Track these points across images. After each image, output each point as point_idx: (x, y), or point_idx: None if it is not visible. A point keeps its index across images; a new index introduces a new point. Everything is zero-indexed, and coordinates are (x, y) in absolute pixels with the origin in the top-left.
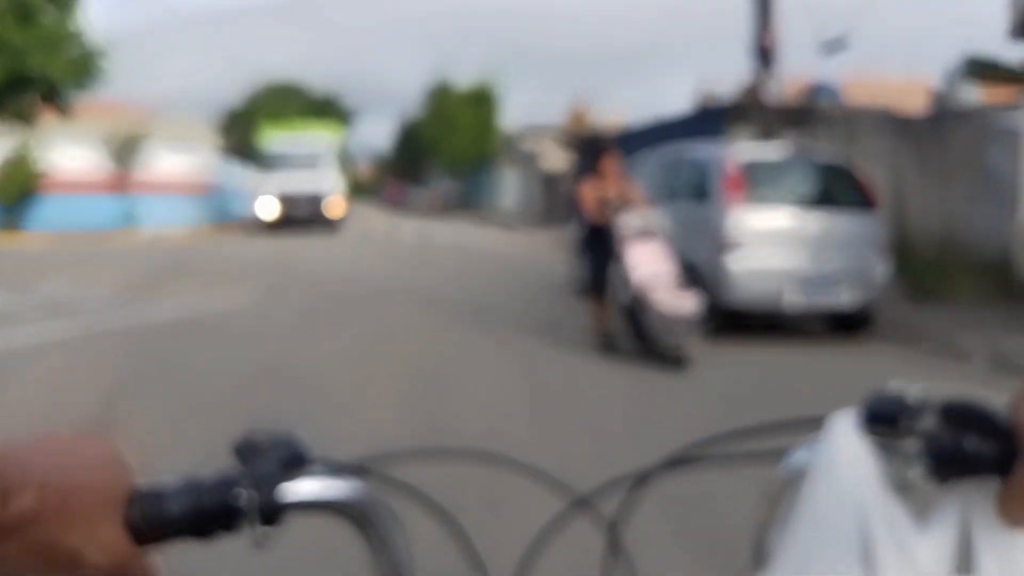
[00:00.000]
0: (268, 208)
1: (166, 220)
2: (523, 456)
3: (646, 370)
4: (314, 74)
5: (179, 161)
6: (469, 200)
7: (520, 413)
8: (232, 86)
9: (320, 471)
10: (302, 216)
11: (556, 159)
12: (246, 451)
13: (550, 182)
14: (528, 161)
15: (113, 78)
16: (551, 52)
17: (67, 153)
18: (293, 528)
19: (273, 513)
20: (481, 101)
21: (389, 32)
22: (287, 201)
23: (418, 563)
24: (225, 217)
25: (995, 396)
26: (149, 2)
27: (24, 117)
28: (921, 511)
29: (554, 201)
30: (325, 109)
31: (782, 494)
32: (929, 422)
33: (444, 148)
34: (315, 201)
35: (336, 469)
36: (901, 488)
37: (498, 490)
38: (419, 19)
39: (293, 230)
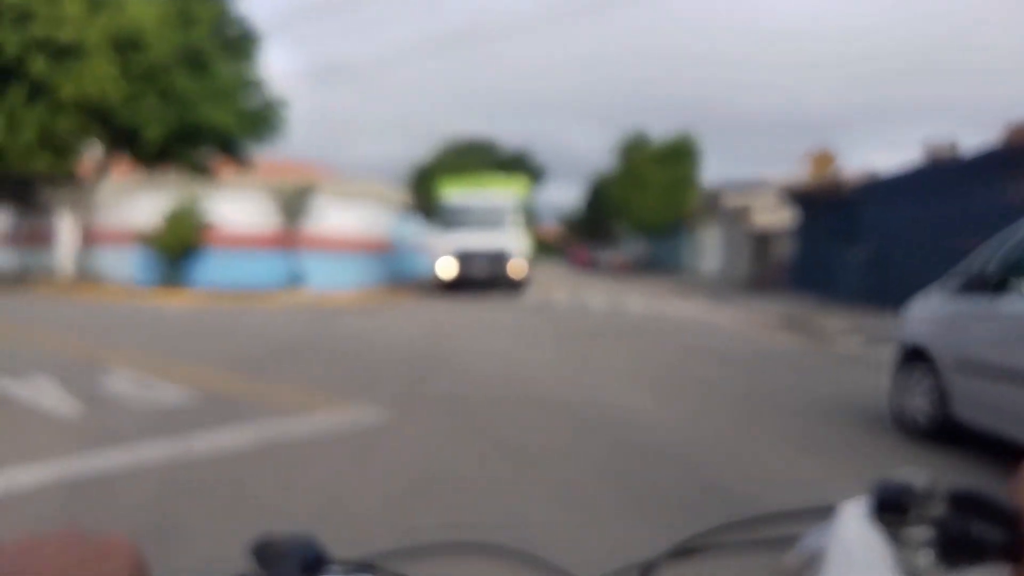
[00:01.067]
0: (445, 268)
1: (334, 280)
2: None
3: None
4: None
5: (352, 218)
6: (661, 262)
7: None
8: (421, 144)
9: (338, 572)
10: (481, 277)
11: (771, 216)
12: (264, 554)
13: (762, 242)
14: (735, 218)
15: (292, 132)
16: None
17: (236, 207)
18: None
19: None
20: (678, 156)
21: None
22: (465, 260)
23: None
24: (402, 278)
25: None
26: (327, 51)
27: (199, 170)
28: None
29: (765, 263)
30: (515, 166)
31: None
32: (938, 509)
33: (635, 206)
34: (496, 260)
35: (353, 569)
36: (912, 574)
37: None
38: (615, 81)
39: (471, 293)
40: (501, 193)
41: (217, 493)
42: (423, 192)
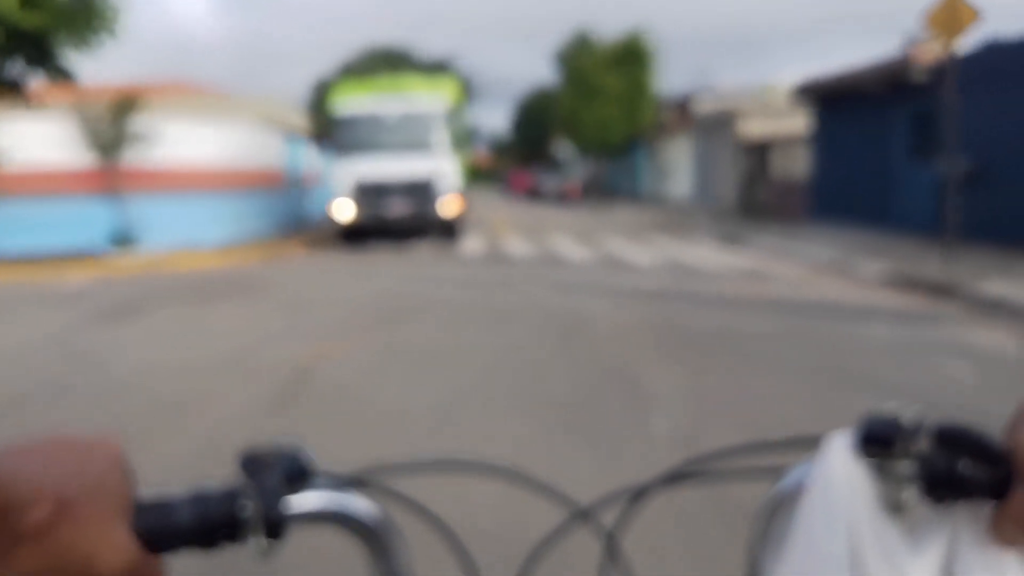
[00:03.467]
0: (342, 207)
1: (189, 232)
2: None
3: None
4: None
5: (216, 146)
6: (615, 187)
7: None
8: (322, 55)
9: (324, 484)
10: (398, 218)
11: (764, 123)
12: (251, 464)
13: (756, 157)
14: (713, 129)
15: (126, 32)
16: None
17: (27, 137)
18: (299, 539)
19: (276, 525)
20: (631, 59)
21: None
22: (372, 195)
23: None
24: (299, 223)
25: None
26: None
27: (9, 88)
28: (913, 532)
29: (763, 185)
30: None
31: (777, 512)
32: (924, 444)
33: (585, 121)
34: (419, 195)
35: (340, 482)
36: (894, 509)
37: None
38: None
39: (384, 241)
40: (423, 100)
41: None
42: (322, 110)
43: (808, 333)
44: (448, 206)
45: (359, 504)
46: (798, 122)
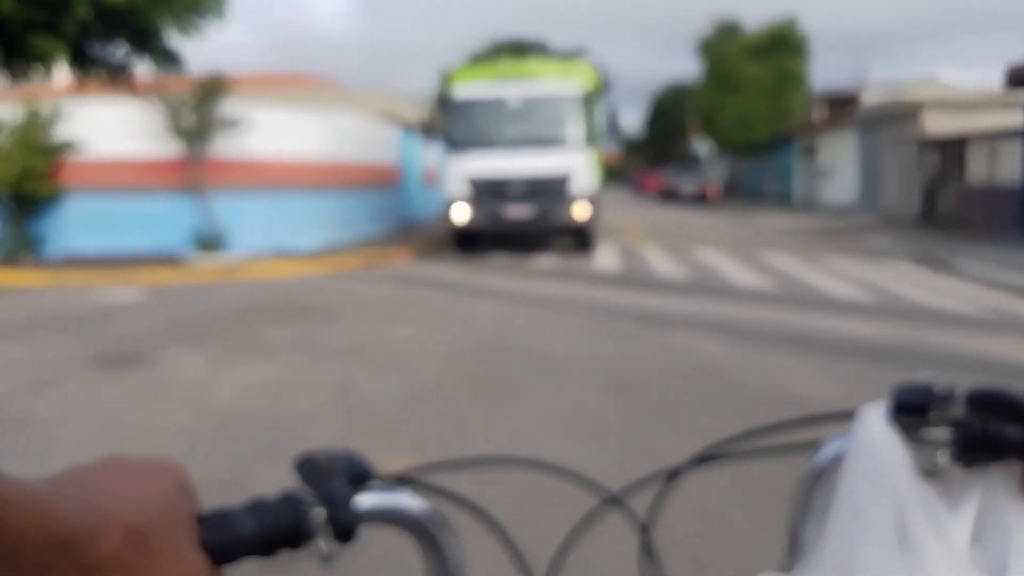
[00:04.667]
0: (458, 208)
1: (283, 234)
2: None
3: None
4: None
5: (319, 138)
6: (756, 189)
7: None
8: (451, 53)
9: (381, 486)
10: (522, 222)
11: (953, 120)
12: (310, 469)
13: (951, 155)
14: (887, 124)
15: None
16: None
17: (106, 123)
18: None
19: (347, 527)
20: (781, 48)
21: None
22: (490, 194)
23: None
24: (412, 223)
25: None
26: None
27: (114, 73)
28: (948, 494)
29: (948, 188)
30: None
31: (816, 486)
32: (957, 410)
33: (728, 114)
34: (547, 195)
35: (395, 482)
36: (930, 474)
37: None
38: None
39: (504, 250)
40: (554, 84)
41: None
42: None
43: None
44: (580, 210)
45: (415, 504)
46: (1000, 117)
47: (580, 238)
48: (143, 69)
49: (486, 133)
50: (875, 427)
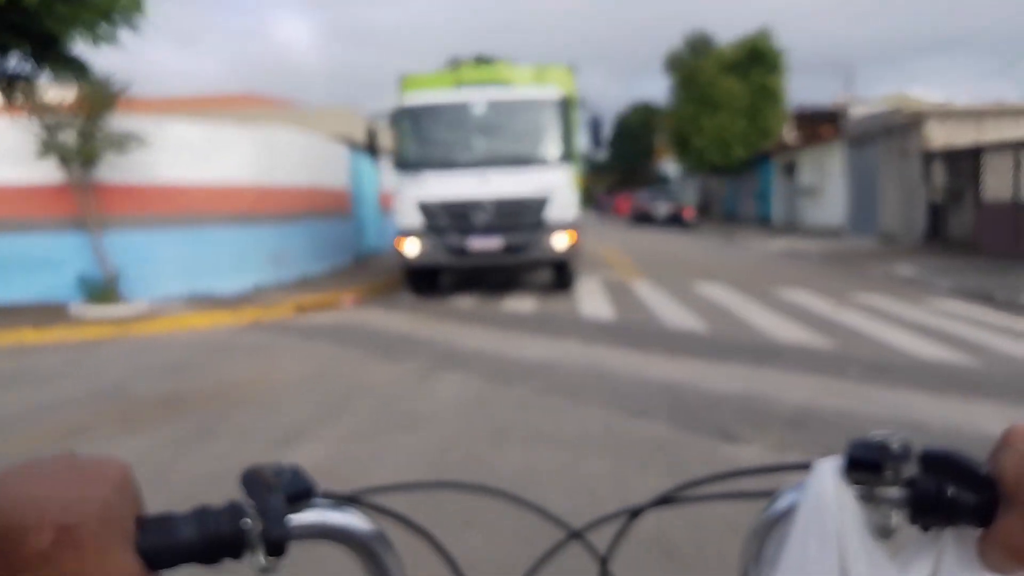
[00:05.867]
0: (408, 240)
1: (201, 276)
2: None
3: None
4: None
5: (250, 160)
6: (734, 208)
7: None
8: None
9: (323, 503)
10: (488, 255)
11: (955, 132)
12: (252, 481)
13: (959, 171)
14: (884, 140)
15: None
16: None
17: None
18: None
19: (278, 543)
20: (756, 63)
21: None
22: (447, 223)
23: None
24: (366, 257)
25: None
26: None
27: (13, 83)
28: (900, 556)
29: (962, 206)
30: None
31: (768, 535)
32: (911, 469)
33: (703, 134)
34: (519, 223)
35: (339, 501)
36: (882, 533)
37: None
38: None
39: (470, 289)
40: (526, 90)
41: None
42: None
43: None
44: (560, 240)
45: (357, 522)
46: (1012, 128)
47: (560, 274)
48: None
49: (445, 148)
50: (828, 481)
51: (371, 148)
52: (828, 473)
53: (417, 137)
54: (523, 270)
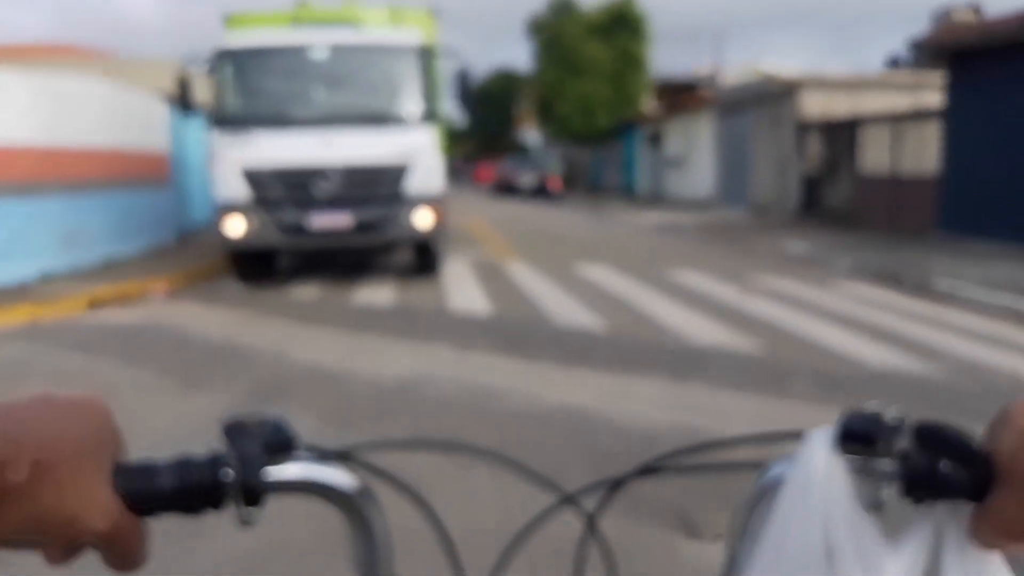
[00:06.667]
0: (232, 219)
1: None
2: None
3: None
4: None
5: (40, 113)
6: (598, 179)
7: None
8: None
9: (305, 456)
10: (335, 234)
11: (827, 102)
12: (234, 432)
13: (837, 142)
14: (754, 109)
15: None
16: None
17: None
18: (283, 508)
19: (255, 493)
20: (622, 27)
21: None
22: (282, 195)
23: (397, 548)
24: (192, 232)
25: None
26: None
27: None
28: (892, 531)
29: (838, 178)
30: None
31: (757, 507)
32: (904, 443)
33: (567, 101)
34: (374, 194)
35: (321, 455)
36: (873, 507)
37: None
38: None
39: (312, 273)
40: (380, 33)
41: None
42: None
43: None
44: (424, 216)
45: (338, 476)
46: (887, 99)
47: (423, 256)
48: None
49: (278, 102)
50: (819, 453)
51: (183, 102)
52: (820, 444)
53: (242, 88)
54: (379, 252)
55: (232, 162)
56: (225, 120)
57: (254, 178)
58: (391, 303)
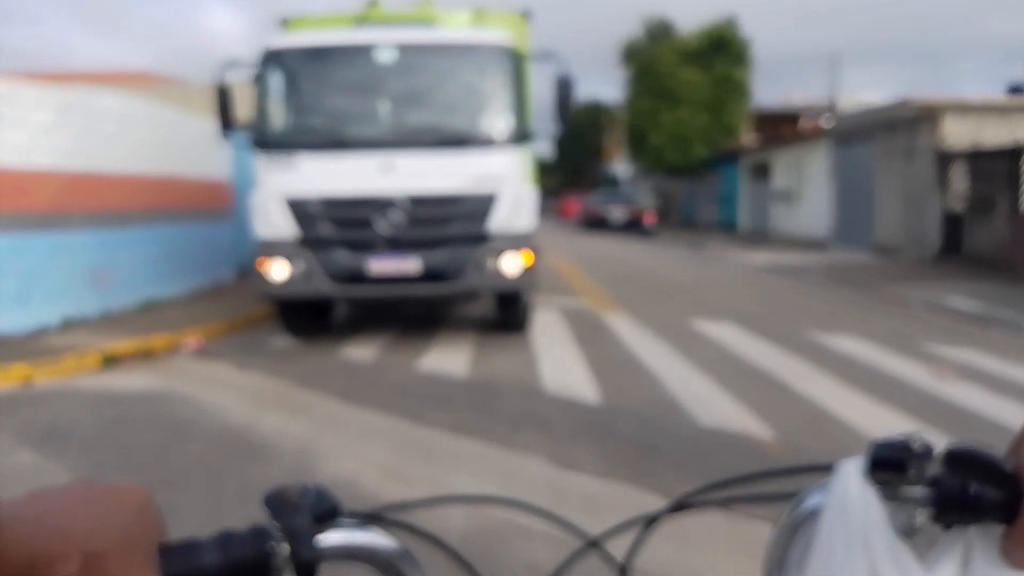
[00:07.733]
0: (275, 262)
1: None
2: None
3: None
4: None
5: (54, 132)
6: (691, 213)
7: None
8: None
9: (349, 523)
10: (398, 282)
11: (970, 130)
12: (277, 503)
13: (993, 174)
14: (880, 139)
15: None
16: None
17: None
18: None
19: (309, 565)
20: (719, 53)
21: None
22: (337, 235)
23: None
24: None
25: None
26: None
27: None
28: (926, 554)
29: (994, 215)
30: None
31: (793, 539)
32: (934, 468)
33: (661, 130)
34: (451, 233)
35: (364, 520)
36: (907, 532)
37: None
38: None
39: (373, 328)
40: (461, 34)
41: None
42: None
43: None
44: (512, 260)
45: (382, 540)
46: None
47: (509, 311)
48: None
49: (331, 118)
50: (852, 482)
51: (223, 117)
52: (851, 474)
53: (288, 99)
54: (456, 300)
55: (273, 190)
56: (268, 138)
57: (300, 210)
58: (465, 373)
